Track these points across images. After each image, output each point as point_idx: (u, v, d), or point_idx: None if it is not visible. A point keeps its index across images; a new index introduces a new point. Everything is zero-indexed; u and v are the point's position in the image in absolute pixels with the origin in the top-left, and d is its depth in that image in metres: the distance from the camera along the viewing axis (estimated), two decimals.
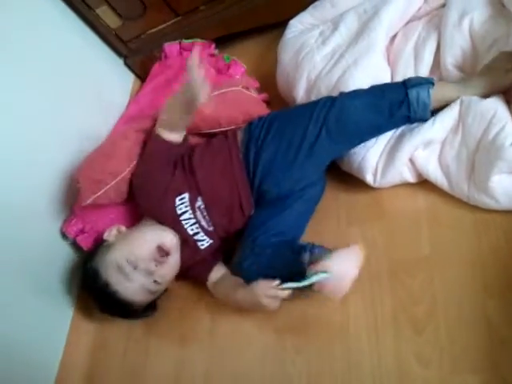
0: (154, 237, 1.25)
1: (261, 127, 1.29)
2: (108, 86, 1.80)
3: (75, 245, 1.50)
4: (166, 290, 1.34)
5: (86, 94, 1.66)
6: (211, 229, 1.29)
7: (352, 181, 1.30)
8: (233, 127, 1.39)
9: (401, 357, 1.06)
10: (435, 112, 1.20)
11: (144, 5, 1.64)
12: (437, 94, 1.17)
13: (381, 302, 1.14)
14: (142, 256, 1.23)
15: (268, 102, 1.55)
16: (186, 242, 1.28)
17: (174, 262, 1.26)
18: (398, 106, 1.17)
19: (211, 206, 1.28)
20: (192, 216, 1.27)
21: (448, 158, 1.17)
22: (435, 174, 1.18)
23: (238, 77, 1.64)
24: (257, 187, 1.27)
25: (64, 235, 1.48)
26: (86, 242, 1.46)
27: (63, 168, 1.50)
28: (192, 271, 1.32)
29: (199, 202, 1.28)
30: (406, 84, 1.18)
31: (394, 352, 1.07)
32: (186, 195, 1.28)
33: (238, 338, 1.26)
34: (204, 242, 1.29)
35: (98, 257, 1.28)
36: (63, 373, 1.43)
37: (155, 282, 1.24)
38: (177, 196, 1.28)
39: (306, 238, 1.29)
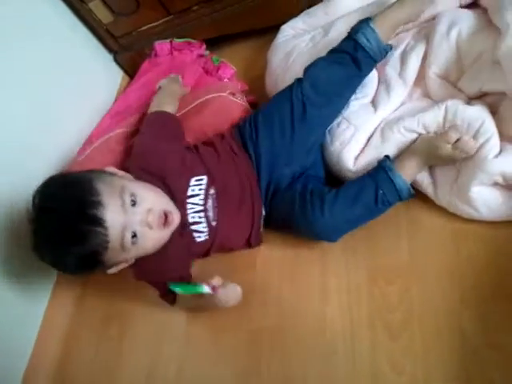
0: (164, 200, 1.14)
1: (249, 126, 1.30)
2: (96, 81, 1.79)
3: None
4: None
5: (73, 87, 1.65)
6: (214, 224, 1.23)
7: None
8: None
9: (375, 363, 1.06)
10: None
11: (137, 2, 1.64)
12: (382, 25, 1.24)
13: (358, 307, 1.14)
14: (148, 202, 1.08)
15: (255, 105, 1.55)
16: (182, 229, 1.18)
17: (160, 237, 1.12)
18: (354, 53, 1.23)
19: (222, 197, 1.24)
20: (202, 202, 1.21)
21: None
22: (422, 177, 1.20)
23: (226, 79, 1.63)
24: (268, 181, 1.26)
25: None
26: None
27: (47, 161, 1.50)
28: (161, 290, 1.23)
29: (212, 190, 1.24)
30: (351, 33, 1.25)
31: (369, 358, 1.07)
32: (205, 178, 1.24)
33: (214, 337, 1.25)
34: (202, 236, 1.22)
35: (100, 175, 1.09)
36: (34, 362, 1.41)
37: (134, 237, 1.06)
38: (194, 176, 1.23)
39: (284, 243, 1.30)
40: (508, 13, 1.14)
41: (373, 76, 1.34)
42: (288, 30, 1.54)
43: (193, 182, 1.22)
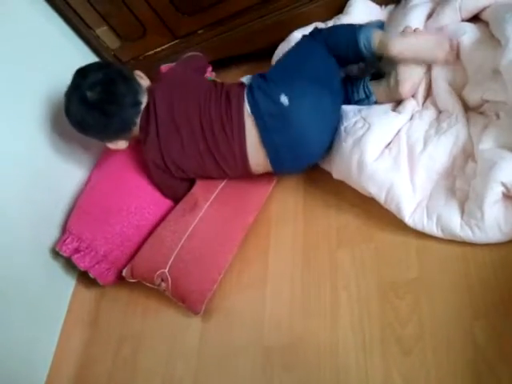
0: None
1: None
2: None
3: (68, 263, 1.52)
4: None
5: None
6: None
7: (343, 202, 1.33)
8: None
9: (388, 378, 1.05)
10: None
11: (144, 27, 1.68)
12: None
13: (369, 322, 1.14)
14: None
15: None
16: None
17: None
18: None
19: None
20: None
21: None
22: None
23: None
24: None
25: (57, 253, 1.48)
26: (82, 261, 1.45)
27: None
28: None
29: None
30: None
31: (382, 373, 1.07)
32: None
33: (226, 355, 1.25)
34: None
35: None
36: None
37: None
38: None
39: (294, 258, 1.31)
40: (509, 26, 1.17)
41: None
42: (298, 36, 1.55)
43: None
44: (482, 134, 1.17)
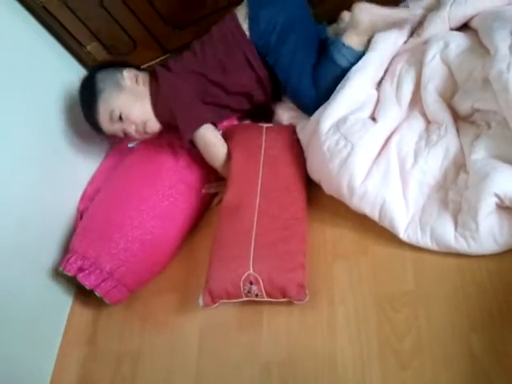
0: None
1: None
2: None
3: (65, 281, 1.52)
4: None
5: (73, 127, 1.67)
6: None
7: (338, 215, 1.33)
8: None
9: None
10: None
11: (134, 42, 1.68)
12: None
13: (367, 336, 1.14)
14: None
15: None
16: None
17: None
18: None
19: None
20: None
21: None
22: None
23: None
24: None
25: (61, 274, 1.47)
26: (88, 280, 1.41)
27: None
28: None
29: None
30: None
31: None
32: None
33: (225, 371, 1.25)
34: None
35: None
36: None
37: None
38: None
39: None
40: (497, 36, 1.17)
41: (372, 94, 1.37)
42: None
43: None
44: (473, 144, 1.18)
